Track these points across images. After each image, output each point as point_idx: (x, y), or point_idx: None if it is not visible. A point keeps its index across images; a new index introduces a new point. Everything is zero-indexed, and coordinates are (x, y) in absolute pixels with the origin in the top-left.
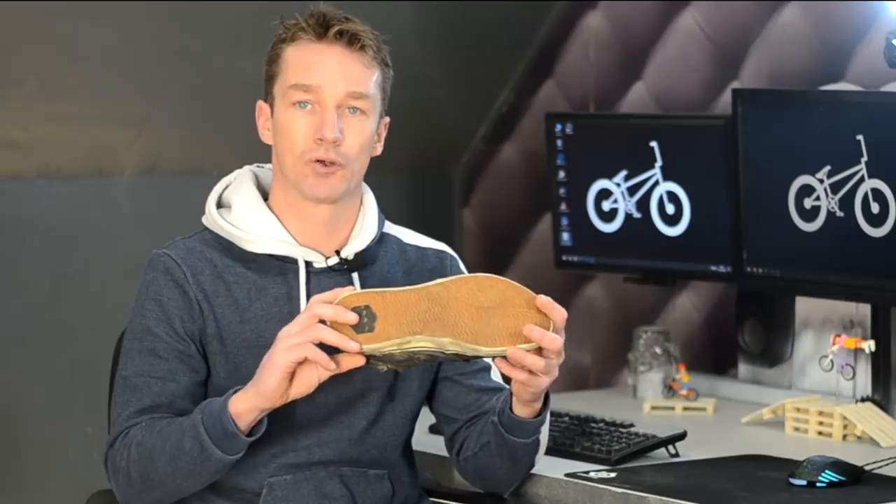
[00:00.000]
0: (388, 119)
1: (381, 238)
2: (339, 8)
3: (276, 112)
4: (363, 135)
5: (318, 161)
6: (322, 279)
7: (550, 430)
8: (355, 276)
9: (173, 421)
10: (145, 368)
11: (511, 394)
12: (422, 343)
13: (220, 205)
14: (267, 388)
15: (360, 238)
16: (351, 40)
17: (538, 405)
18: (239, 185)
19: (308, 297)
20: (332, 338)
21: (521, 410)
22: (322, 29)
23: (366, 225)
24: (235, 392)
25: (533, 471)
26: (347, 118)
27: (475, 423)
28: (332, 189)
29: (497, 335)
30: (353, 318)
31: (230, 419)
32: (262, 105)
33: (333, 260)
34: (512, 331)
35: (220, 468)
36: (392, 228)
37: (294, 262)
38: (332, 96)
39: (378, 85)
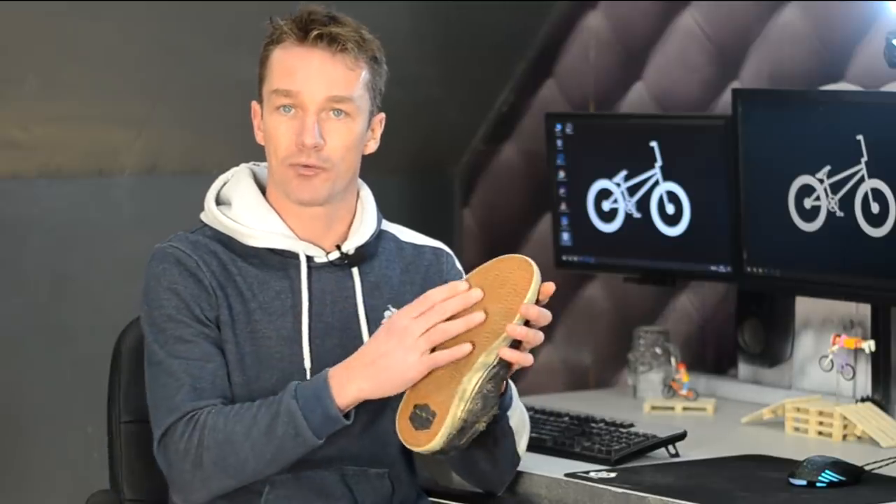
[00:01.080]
0: (382, 115)
1: (379, 235)
2: (330, 8)
3: (264, 115)
4: (349, 137)
5: (299, 165)
6: (323, 274)
7: (550, 430)
8: (355, 271)
9: (247, 406)
10: (179, 354)
11: None
12: (474, 379)
13: (218, 202)
14: (397, 384)
15: (360, 233)
16: (331, 43)
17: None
18: (237, 182)
19: (310, 291)
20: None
21: None
22: (302, 32)
23: (365, 219)
24: (330, 377)
25: (533, 471)
26: (331, 121)
27: None
28: (315, 191)
29: (498, 323)
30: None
31: (335, 405)
32: (255, 106)
33: (334, 254)
34: (503, 315)
35: (304, 453)
36: (388, 226)
37: (295, 256)
38: (312, 101)
39: (366, 84)
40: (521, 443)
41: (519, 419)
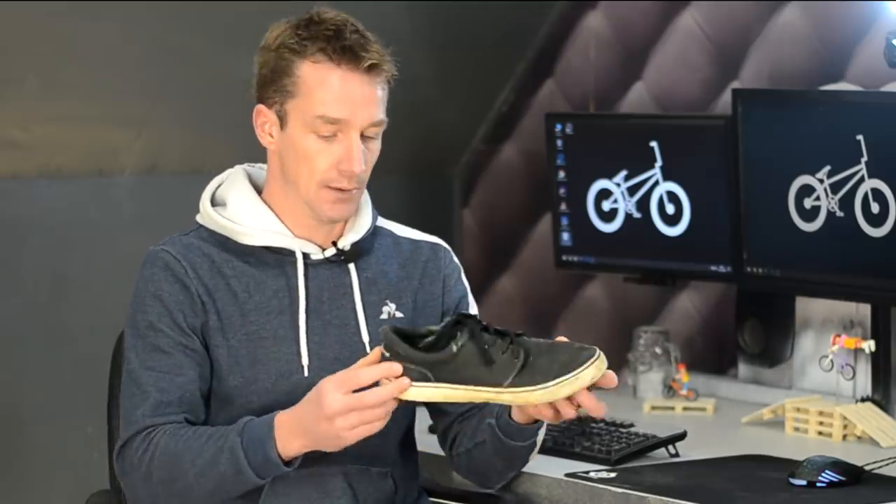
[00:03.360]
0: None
1: (375, 231)
2: (337, 9)
3: (292, 132)
4: (376, 155)
5: (338, 190)
6: (320, 271)
7: (550, 430)
8: (352, 266)
9: (200, 432)
10: (151, 364)
11: None
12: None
13: (214, 203)
14: (331, 448)
15: (356, 229)
16: (370, 69)
17: None
18: (233, 183)
19: (307, 288)
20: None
21: (522, 418)
22: (341, 54)
23: (360, 215)
24: (276, 425)
25: (533, 471)
26: (366, 142)
27: (467, 419)
28: (348, 212)
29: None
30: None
31: (276, 450)
32: (263, 110)
33: (330, 251)
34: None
35: (247, 490)
36: (384, 223)
37: (291, 254)
38: (356, 128)
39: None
40: (533, 453)
41: (540, 436)
